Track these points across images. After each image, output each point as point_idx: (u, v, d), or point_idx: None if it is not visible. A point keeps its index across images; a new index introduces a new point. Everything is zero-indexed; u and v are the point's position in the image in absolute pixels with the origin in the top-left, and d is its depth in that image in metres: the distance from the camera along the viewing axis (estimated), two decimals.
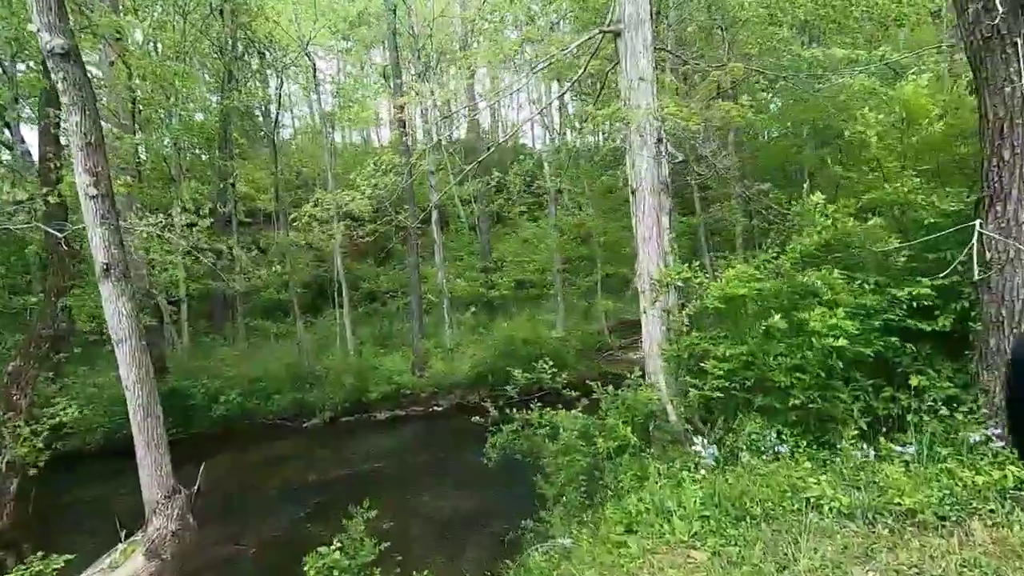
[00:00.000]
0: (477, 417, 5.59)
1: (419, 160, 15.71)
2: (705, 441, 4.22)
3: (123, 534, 5.21)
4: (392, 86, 17.93)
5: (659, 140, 6.02)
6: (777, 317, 4.13)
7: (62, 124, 4.17)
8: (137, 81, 13.60)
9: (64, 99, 4.50)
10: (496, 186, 27.75)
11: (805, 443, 3.94)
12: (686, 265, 5.30)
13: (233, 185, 19.39)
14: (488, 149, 13.81)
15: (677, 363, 5.22)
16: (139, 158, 12.88)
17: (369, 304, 22.73)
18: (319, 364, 15.38)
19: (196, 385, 14.35)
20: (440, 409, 14.38)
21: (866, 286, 4.20)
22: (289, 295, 17.04)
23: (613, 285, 18.12)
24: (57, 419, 6.49)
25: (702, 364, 4.72)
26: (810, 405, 4.01)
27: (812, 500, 3.32)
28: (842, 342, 3.87)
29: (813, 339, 3.97)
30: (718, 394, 4.40)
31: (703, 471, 3.86)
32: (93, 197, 4.50)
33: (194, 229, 9.07)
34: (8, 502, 6.41)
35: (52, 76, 4.28)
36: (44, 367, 6.80)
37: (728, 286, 4.59)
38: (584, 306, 18.09)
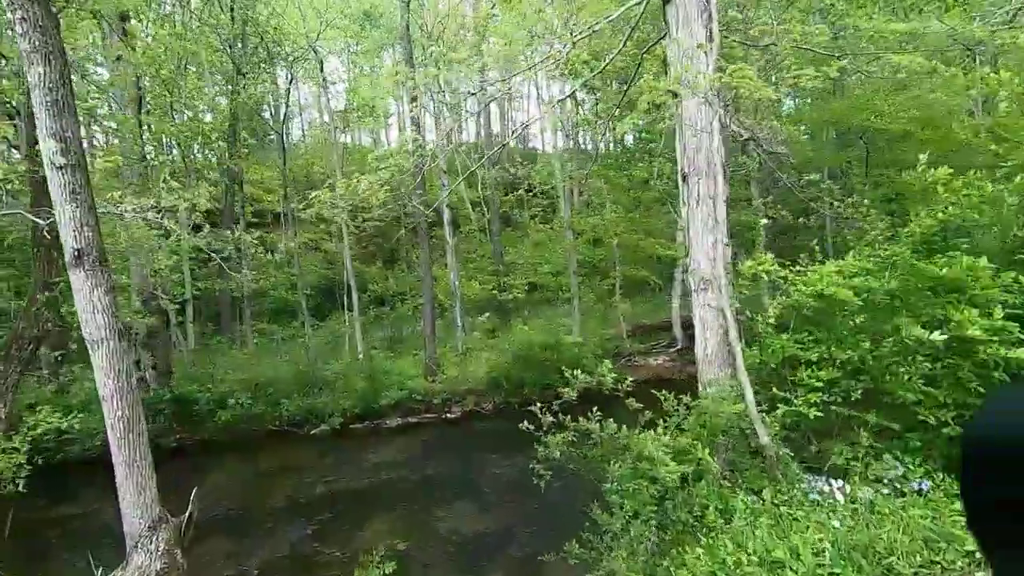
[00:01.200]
0: (527, 424, 4.77)
1: (432, 159, 14.98)
2: (824, 472, 3.39)
3: (98, 574, 4.40)
4: (404, 83, 17.24)
5: (716, 117, 5.21)
6: (908, 322, 3.29)
7: (28, 78, 3.33)
8: (146, 81, 12.97)
9: (24, 45, 3.59)
10: (507, 188, 27.19)
11: (942, 475, 3.12)
12: (768, 256, 4.42)
13: (241, 185, 18.73)
14: (502, 146, 13.06)
15: (758, 372, 4.38)
16: (144, 155, 12.13)
17: (378, 307, 22.00)
18: (328, 368, 14.60)
19: (201, 389, 13.60)
20: (453, 416, 13.56)
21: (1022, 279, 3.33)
22: (297, 297, 16.28)
23: (630, 288, 17.32)
24: (40, 428, 5.70)
25: (789, 375, 3.89)
26: (942, 428, 3.19)
27: (973, 554, 2.51)
28: (1021, 352, 3.02)
29: (975, 348, 3.11)
30: (814, 411, 3.57)
31: (827, 511, 3.04)
32: (61, 168, 3.61)
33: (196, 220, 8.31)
34: None
35: (8, 14, 3.50)
36: (28, 370, 6.04)
37: (826, 281, 3.76)
38: (600, 309, 17.27)
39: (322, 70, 14.01)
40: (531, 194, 27.46)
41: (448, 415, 13.59)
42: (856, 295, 3.61)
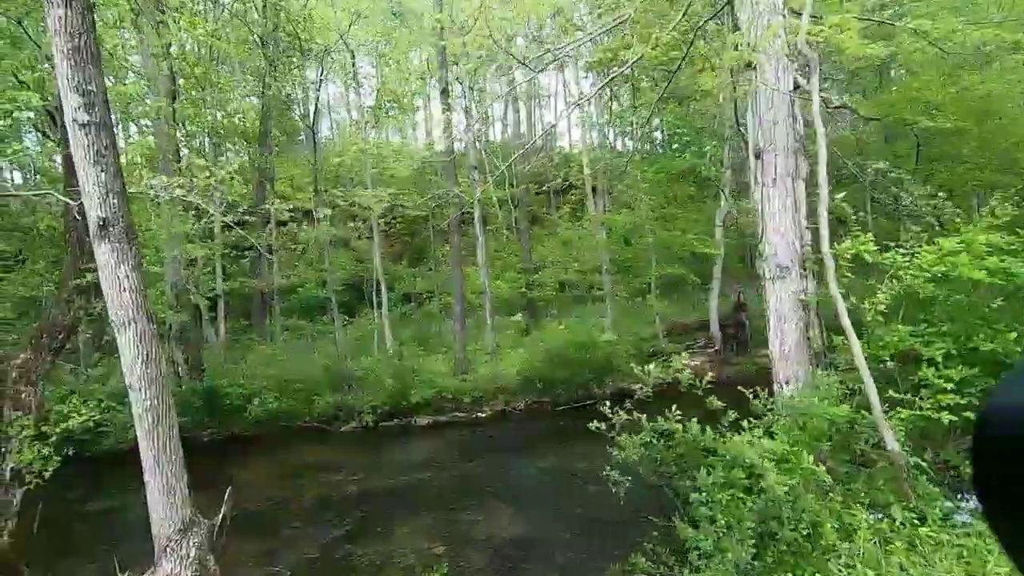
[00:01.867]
0: (598, 424, 4.28)
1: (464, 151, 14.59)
2: (959, 488, 2.85)
3: None
4: (437, 82, 16.94)
5: (795, 87, 4.67)
6: None
7: (47, 22, 2.94)
8: (180, 80, 12.85)
9: None
10: (536, 187, 26.69)
11: None
12: (866, 235, 3.83)
13: (272, 183, 18.61)
14: (540, 137, 12.59)
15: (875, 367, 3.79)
16: (178, 148, 11.98)
17: (406, 304, 21.71)
18: (357, 365, 14.29)
19: (232, 385, 13.40)
20: (484, 415, 13.10)
21: None
22: (327, 292, 16.03)
23: (664, 286, 16.67)
24: (71, 421, 5.39)
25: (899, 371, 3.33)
26: None
27: None
28: None
29: None
30: (946, 415, 3.00)
31: (977, 536, 2.49)
32: (84, 126, 3.17)
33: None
34: (10, 517, 5.33)
35: None
36: (57, 359, 5.76)
37: (952, 261, 3.19)
38: (633, 308, 16.67)
39: (354, 63, 13.68)
40: (563, 191, 27.02)
41: (479, 414, 13.15)
42: (991, 276, 3.03)
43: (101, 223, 3.24)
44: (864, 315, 3.55)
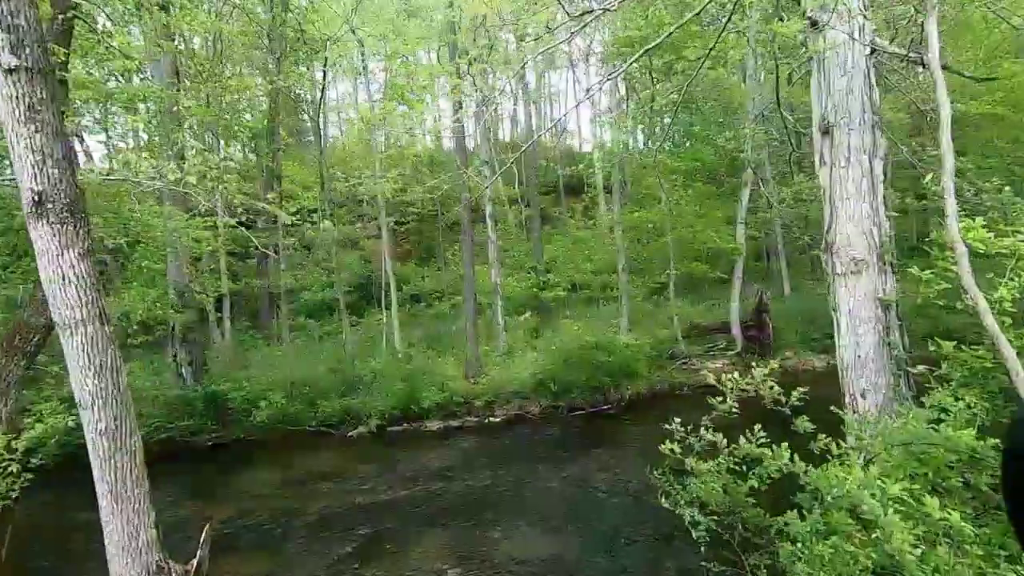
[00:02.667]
0: (671, 446, 3.54)
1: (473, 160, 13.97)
2: None
3: None
4: (447, 78, 16.31)
5: (871, 51, 3.96)
6: None
7: None
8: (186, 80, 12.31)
9: None
10: (546, 186, 26.02)
11: None
12: (977, 220, 3.05)
13: (279, 180, 18.02)
14: (551, 127, 11.92)
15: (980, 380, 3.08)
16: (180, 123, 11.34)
17: (414, 305, 21.08)
18: (365, 367, 13.65)
19: (236, 387, 12.79)
20: (497, 420, 12.42)
21: None
22: (335, 292, 15.41)
23: (681, 286, 15.93)
24: (33, 430, 4.75)
25: None
26: None
27: None
28: None
29: None
30: None
31: None
32: (12, 71, 2.46)
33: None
34: None
35: None
36: (31, 364, 5.14)
37: None
38: (649, 309, 15.94)
39: (363, 52, 13.05)
40: (575, 191, 26.33)
41: (491, 419, 12.47)
42: None
43: (36, 198, 2.49)
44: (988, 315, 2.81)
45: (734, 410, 3.28)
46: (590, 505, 7.91)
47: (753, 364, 12.95)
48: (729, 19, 5.98)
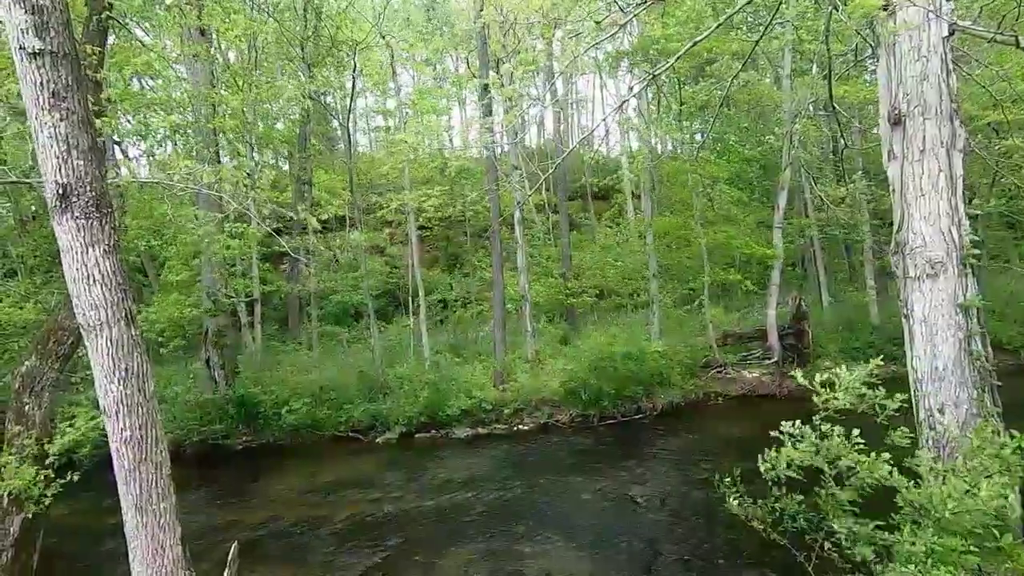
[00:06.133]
0: (767, 463, 3.18)
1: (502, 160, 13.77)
2: None
3: None
4: (478, 83, 16.24)
5: (951, 31, 3.60)
6: None
7: None
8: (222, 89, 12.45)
9: None
10: (574, 192, 25.73)
11: None
12: None
13: (310, 185, 18.13)
14: (585, 137, 11.63)
15: None
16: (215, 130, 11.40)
17: (441, 311, 20.95)
18: (392, 373, 13.52)
19: (266, 391, 12.79)
20: (526, 428, 12.11)
21: None
22: (363, 298, 15.35)
23: (713, 293, 15.42)
24: (66, 437, 4.65)
25: None
26: None
27: None
28: None
29: None
30: None
31: None
32: (36, 55, 2.30)
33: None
34: (5, 549, 4.61)
35: None
36: (65, 368, 5.07)
37: None
38: (680, 316, 15.47)
39: (392, 56, 13.00)
40: (602, 196, 25.97)
41: (520, 427, 12.17)
42: None
43: (61, 191, 2.33)
44: None
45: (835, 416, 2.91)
46: (625, 519, 7.55)
47: (791, 373, 12.33)
48: (777, 9, 5.64)
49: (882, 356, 3.21)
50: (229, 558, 3.40)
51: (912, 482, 2.44)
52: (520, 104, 16.48)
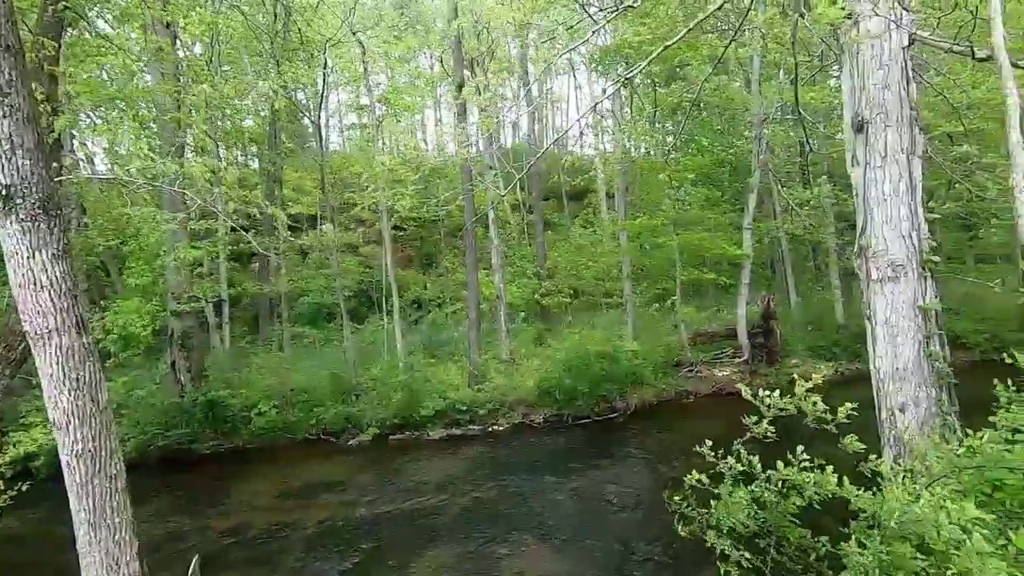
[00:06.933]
0: (697, 476, 3.19)
1: (476, 161, 13.73)
2: None
3: None
4: (451, 83, 16.15)
5: (910, 41, 3.71)
6: None
7: None
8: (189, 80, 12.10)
9: None
10: (548, 192, 25.79)
11: None
12: None
13: (281, 184, 17.79)
14: (555, 140, 11.67)
15: None
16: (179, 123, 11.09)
17: (416, 311, 20.79)
18: (365, 375, 13.35)
19: (235, 394, 12.49)
20: (501, 429, 12.10)
21: None
22: (335, 298, 15.12)
23: (685, 292, 15.65)
24: (13, 449, 4.45)
25: None
26: None
27: None
28: None
29: None
30: None
31: None
32: None
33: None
34: None
35: None
36: (16, 373, 4.85)
37: None
38: (653, 315, 15.65)
39: (363, 51, 12.80)
40: (576, 197, 26.10)
41: (495, 427, 12.15)
42: None
43: (4, 192, 2.17)
44: None
45: (770, 433, 2.95)
46: (599, 519, 7.60)
47: (759, 371, 12.57)
48: (746, 15, 5.73)
49: (847, 354, 3.28)
50: (190, 571, 3.29)
51: (864, 489, 2.49)
52: (494, 107, 16.44)
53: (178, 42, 13.88)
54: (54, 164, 2.86)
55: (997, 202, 5.84)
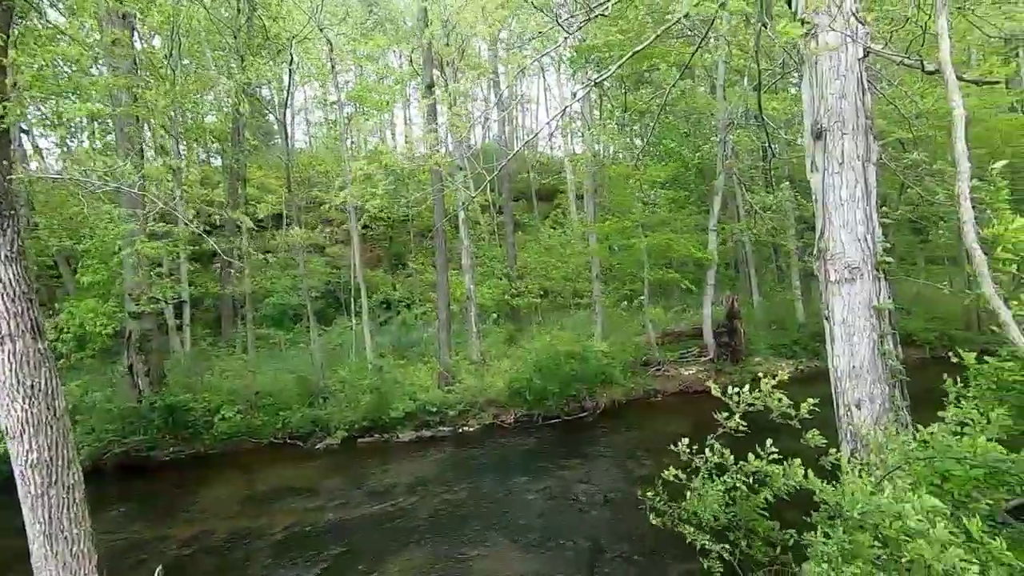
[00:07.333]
0: (675, 472, 3.27)
1: (446, 162, 13.69)
2: None
3: None
4: (421, 83, 16.04)
5: (865, 54, 3.88)
6: None
7: None
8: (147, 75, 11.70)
9: None
10: (518, 193, 25.86)
11: None
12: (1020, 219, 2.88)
13: (245, 183, 17.38)
14: (526, 143, 11.72)
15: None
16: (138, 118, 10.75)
17: (385, 312, 20.58)
18: (333, 377, 13.15)
19: (197, 398, 12.14)
20: (471, 430, 12.09)
21: None
22: (302, 299, 14.84)
23: (653, 293, 15.93)
24: None
25: None
26: None
27: None
28: None
29: None
30: None
31: None
32: None
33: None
34: None
35: None
36: None
37: None
38: (621, 315, 15.88)
39: (331, 48, 12.61)
40: (547, 198, 26.25)
41: (465, 428, 12.13)
42: None
43: None
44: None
45: (741, 427, 3.05)
46: (569, 518, 7.68)
47: (724, 370, 12.90)
48: (712, 24, 5.89)
49: (807, 352, 3.41)
50: None
51: (826, 481, 2.60)
52: (465, 107, 16.43)
53: (136, 34, 13.45)
54: (4, 161, 2.73)
55: (945, 206, 6.13)
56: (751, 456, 2.87)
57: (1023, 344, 2.21)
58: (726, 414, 3.10)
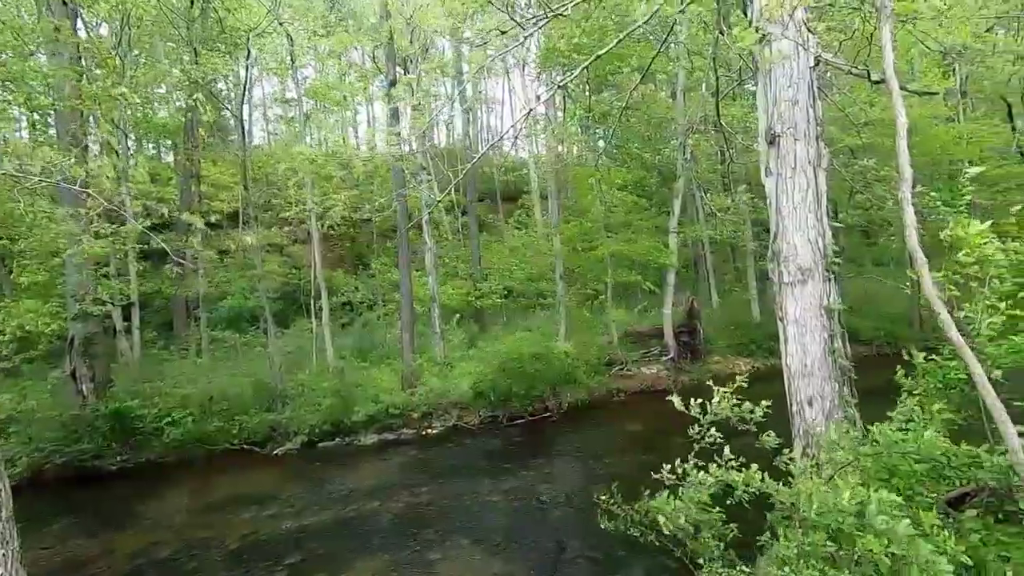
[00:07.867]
0: (666, 473, 3.26)
1: (409, 161, 13.55)
2: None
3: None
4: (384, 79, 15.82)
5: (816, 63, 4.02)
6: None
7: None
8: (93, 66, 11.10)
9: None
10: (482, 193, 25.81)
11: None
12: (976, 223, 2.99)
13: (199, 180, 16.77)
14: (491, 146, 11.70)
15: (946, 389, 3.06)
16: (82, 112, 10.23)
17: (347, 313, 20.20)
18: (292, 380, 12.82)
19: (146, 404, 11.62)
20: (435, 432, 11.99)
21: None
22: (259, 300, 14.40)
23: (615, 293, 16.15)
24: None
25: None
26: None
27: None
28: None
29: None
30: None
31: None
32: None
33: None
34: None
35: None
36: None
37: None
38: (584, 316, 16.05)
39: (291, 42, 12.30)
40: (511, 198, 26.28)
41: (429, 431, 12.02)
42: None
43: None
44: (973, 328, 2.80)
45: (711, 435, 3.09)
46: (533, 519, 7.69)
47: (685, 368, 13.16)
48: (671, 30, 6.00)
49: (763, 351, 3.50)
50: None
51: (781, 482, 2.68)
52: (428, 107, 16.27)
53: (80, 23, 12.80)
54: None
55: (893, 211, 6.41)
56: (712, 467, 2.91)
57: (960, 343, 2.32)
58: (698, 429, 3.12)
